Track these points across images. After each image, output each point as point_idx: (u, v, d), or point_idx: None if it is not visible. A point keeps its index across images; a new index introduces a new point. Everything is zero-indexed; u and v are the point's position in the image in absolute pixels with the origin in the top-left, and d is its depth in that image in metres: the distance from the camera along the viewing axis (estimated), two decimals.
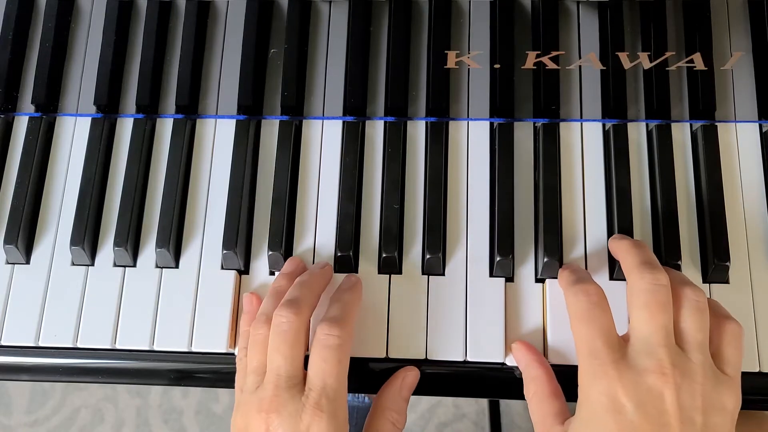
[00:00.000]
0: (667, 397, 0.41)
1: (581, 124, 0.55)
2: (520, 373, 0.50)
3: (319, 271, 0.51)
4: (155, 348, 0.52)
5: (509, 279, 0.52)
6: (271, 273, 0.53)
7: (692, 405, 0.41)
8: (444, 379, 0.51)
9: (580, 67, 0.56)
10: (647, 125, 0.55)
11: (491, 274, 0.52)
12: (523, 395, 0.49)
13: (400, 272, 0.52)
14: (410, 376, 0.50)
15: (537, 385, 0.47)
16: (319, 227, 0.54)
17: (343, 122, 0.56)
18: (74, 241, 0.53)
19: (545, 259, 0.51)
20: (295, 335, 0.45)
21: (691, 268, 0.52)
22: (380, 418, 0.48)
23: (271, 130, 0.56)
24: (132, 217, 0.54)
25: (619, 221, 0.52)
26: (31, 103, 0.57)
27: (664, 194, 0.53)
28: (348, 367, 0.46)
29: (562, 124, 0.55)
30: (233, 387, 0.52)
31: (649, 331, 0.43)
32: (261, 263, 0.53)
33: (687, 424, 0.41)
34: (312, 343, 0.46)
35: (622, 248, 0.48)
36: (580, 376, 0.44)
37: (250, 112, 0.56)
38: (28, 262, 0.54)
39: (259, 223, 0.54)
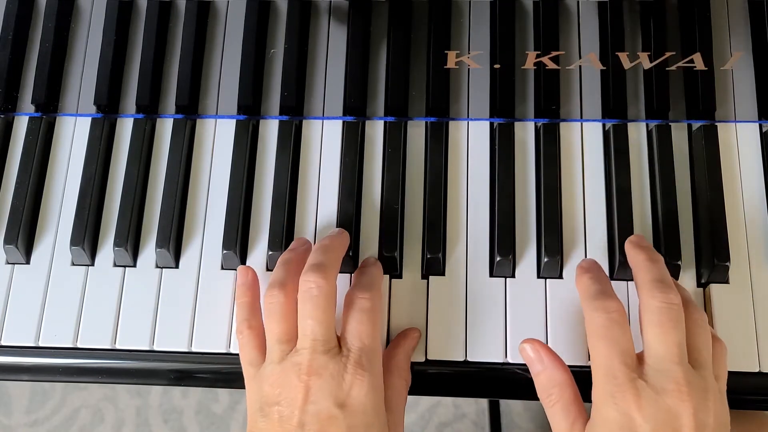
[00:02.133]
0: (684, 418, 0.41)
1: (581, 124, 0.55)
2: (521, 371, 0.49)
3: (339, 236, 0.50)
4: (155, 348, 0.52)
5: (509, 279, 0.52)
6: (268, 270, 0.53)
7: (706, 423, 0.41)
8: (444, 379, 0.51)
9: (580, 67, 0.56)
10: (647, 125, 0.55)
11: (491, 274, 0.52)
12: (523, 395, 0.49)
13: (400, 273, 0.52)
14: (414, 335, 0.50)
15: (562, 391, 0.46)
16: (319, 227, 0.54)
17: (343, 122, 0.56)
18: (74, 241, 0.53)
19: (545, 259, 0.51)
20: (327, 299, 0.45)
21: (691, 268, 0.52)
22: (394, 377, 0.48)
23: (270, 130, 0.56)
24: (132, 217, 0.54)
25: (619, 221, 0.52)
26: (31, 103, 0.57)
27: (664, 194, 0.53)
28: (380, 331, 0.47)
29: (562, 124, 0.55)
30: (233, 387, 0.52)
31: (665, 349, 0.43)
32: (257, 259, 0.53)
33: None
34: (347, 309, 0.46)
35: (636, 262, 0.47)
36: (595, 392, 0.44)
37: (250, 112, 0.56)
38: (28, 262, 0.54)
39: (259, 220, 0.54)
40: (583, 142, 0.55)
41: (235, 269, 0.53)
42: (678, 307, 0.44)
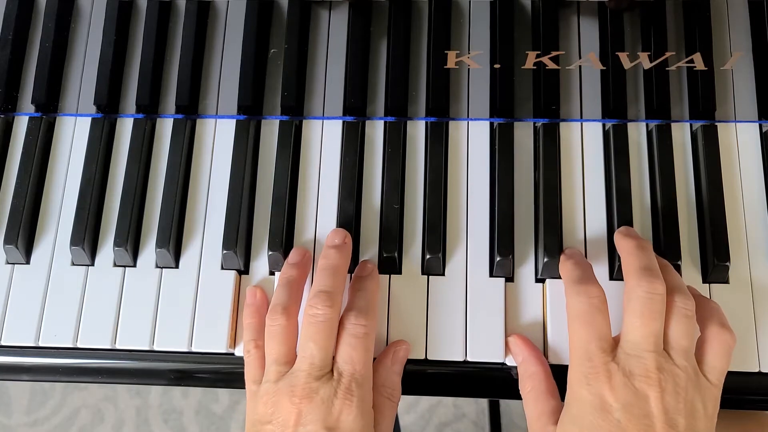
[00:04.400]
0: (651, 400, 0.43)
1: (581, 124, 0.55)
2: (517, 371, 0.50)
3: (344, 249, 0.51)
4: (155, 348, 0.52)
5: (509, 279, 0.52)
6: (271, 273, 0.53)
7: (675, 408, 0.43)
8: (444, 379, 0.51)
9: (580, 67, 0.56)
10: (647, 125, 0.55)
11: (491, 274, 0.52)
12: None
13: (400, 272, 0.52)
14: (401, 350, 0.50)
15: (534, 382, 0.48)
16: (319, 227, 0.54)
17: (343, 122, 0.56)
18: (74, 241, 0.53)
19: (545, 259, 0.51)
20: (330, 326, 0.47)
21: (691, 268, 0.52)
22: (376, 395, 0.48)
23: (271, 130, 0.56)
24: (132, 217, 0.54)
25: (619, 221, 0.52)
26: (31, 103, 0.57)
27: (664, 194, 0.53)
28: (372, 355, 0.48)
29: (562, 124, 0.55)
30: (233, 387, 0.52)
31: (640, 338, 0.44)
32: (261, 263, 0.53)
33: (669, 426, 0.42)
34: (340, 333, 0.47)
35: (626, 248, 0.48)
36: (570, 373, 0.46)
37: (250, 112, 0.56)
38: (28, 262, 0.54)
39: (259, 223, 0.54)
40: (583, 142, 0.55)
41: (235, 269, 0.53)
42: (661, 298, 0.45)
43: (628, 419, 0.42)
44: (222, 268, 0.53)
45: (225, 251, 0.52)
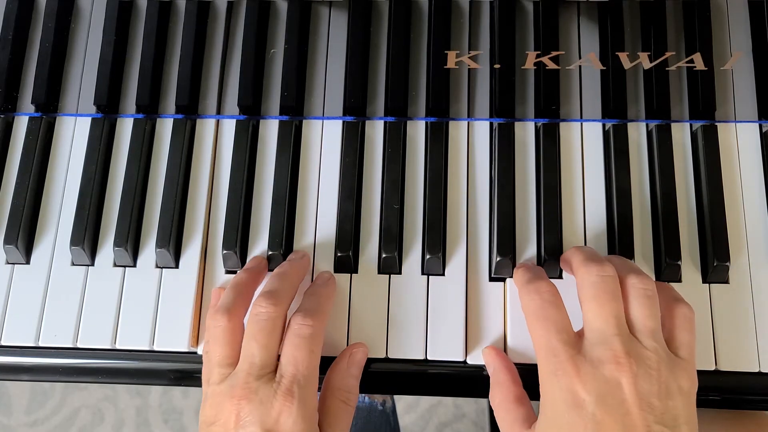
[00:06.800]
0: (624, 386, 0.41)
1: (581, 124, 0.55)
2: (520, 371, 0.49)
3: (298, 262, 0.51)
4: (155, 348, 0.52)
5: (509, 279, 0.52)
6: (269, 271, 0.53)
7: (650, 390, 0.41)
8: (444, 379, 0.51)
9: (580, 67, 0.56)
10: (647, 125, 0.56)
11: (491, 275, 0.52)
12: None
13: (400, 272, 0.52)
14: (358, 353, 0.50)
15: (503, 391, 0.48)
16: (319, 227, 0.54)
17: (343, 122, 0.56)
18: (74, 241, 0.53)
19: (545, 259, 0.51)
20: (273, 325, 0.46)
21: (691, 268, 0.52)
22: (331, 398, 0.48)
23: (271, 130, 0.56)
24: (132, 217, 0.54)
25: (619, 221, 0.52)
26: (31, 103, 0.57)
27: (664, 194, 0.53)
28: (320, 358, 0.47)
29: (562, 124, 0.55)
30: None
31: (602, 322, 0.44)
32: None
33: (646, 410, 0.41)
34: (285, 333, 0.46)
35: (568, 255, 0.49)
36: (540, 373, 0.45)
37: (250, 112, 0.56)
38: (28, 262, 0.54)
39: (259, 223, 0.54)
40: (583, 142, 0.55)
41: (236, 270, 0.53)
42: (612, 278, 0.45)
43: (603, 411, 0.41)
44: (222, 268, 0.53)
45: (225, 251, 0.52)
